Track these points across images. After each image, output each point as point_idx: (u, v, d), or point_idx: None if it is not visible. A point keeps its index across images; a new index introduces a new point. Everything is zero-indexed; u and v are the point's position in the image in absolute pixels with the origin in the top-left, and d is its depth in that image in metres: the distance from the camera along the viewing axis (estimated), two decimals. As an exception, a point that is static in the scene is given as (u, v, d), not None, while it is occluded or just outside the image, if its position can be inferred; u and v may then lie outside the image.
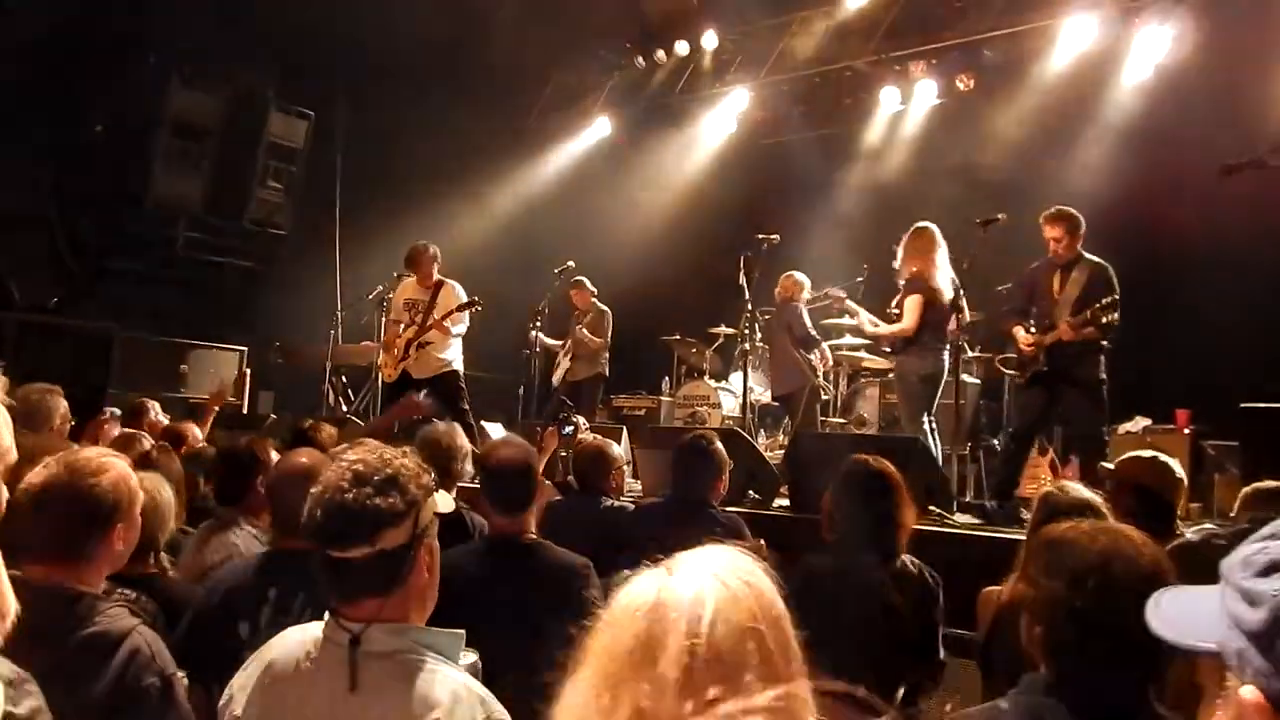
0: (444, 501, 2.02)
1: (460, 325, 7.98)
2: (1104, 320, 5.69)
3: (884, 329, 6.87)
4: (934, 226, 6.60)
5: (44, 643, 1.75)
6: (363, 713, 1.80)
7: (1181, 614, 0.98)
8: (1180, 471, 3.44)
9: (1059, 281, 6.08)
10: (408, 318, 8.02)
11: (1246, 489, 3.27)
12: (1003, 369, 6.52)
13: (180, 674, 2.26)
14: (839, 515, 3.32)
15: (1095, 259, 6.06)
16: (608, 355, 9.85)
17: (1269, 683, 0.88)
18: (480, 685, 1.85)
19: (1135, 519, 3.12)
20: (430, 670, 1.82)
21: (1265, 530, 0.96)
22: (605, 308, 9.82)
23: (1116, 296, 5.70)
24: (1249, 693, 0.89)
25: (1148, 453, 3.58)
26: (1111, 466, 3.60)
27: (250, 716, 1.91)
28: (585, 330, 9.61)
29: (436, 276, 8.05)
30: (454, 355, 8.11)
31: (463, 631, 1.93)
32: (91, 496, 2.20)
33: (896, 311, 6.65)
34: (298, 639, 1.94)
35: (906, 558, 3.30)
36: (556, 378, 9.58)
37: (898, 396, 7.08)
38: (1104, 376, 6.02)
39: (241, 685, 1.94)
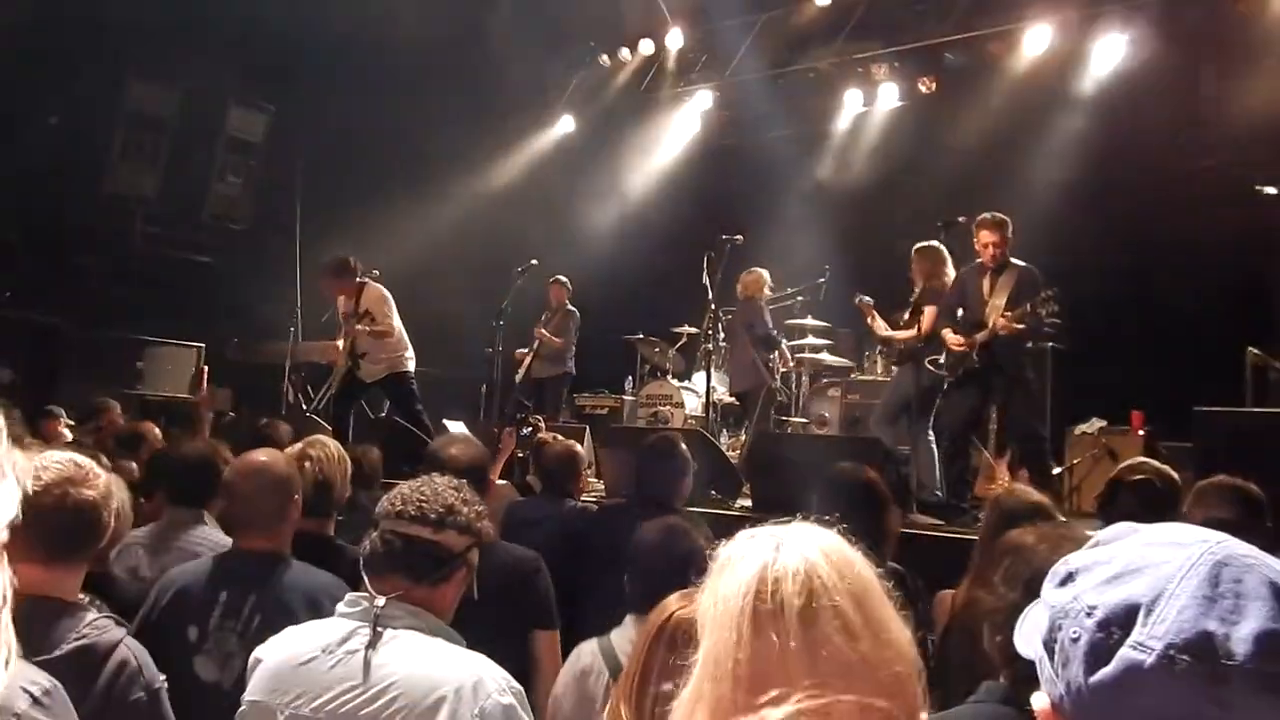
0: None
1: (380, 326, 7.81)
2: (1043, 312, 5.77)
3: (897, 333, 6.98)
4: (939, 244, 6.70)
5: (30, 656, 1.72)
6: (385, 681, 1.93)
7: (1028, 625, 0.98)
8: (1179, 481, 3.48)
9: (989, 285, 6.20)
10: (345, 329, 8.00)
11: (1199, 484, 3.27)
12: (933, 369, 6.61)
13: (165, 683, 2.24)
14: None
15: (1022, 263, 6.19)
16: (573, 355, 9.86)
17: (1051, 689, 0.89)
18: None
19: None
20: (449, 648, 2.01)
21: (1100, 534, 0.96)
22: (574, 309, 9.85)
23: (1054, 291, 5.77)
24: (1038, 700, 0.91)
25: (1162, 467, 3.55)
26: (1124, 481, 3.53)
27: (265, 690, 2.01)
28: (545, 330, 9.63)
29: (356, 281, 7.95)
30: (400, 355, 8.02)
31: (459, 638, 2.09)
32: (89, 506, 2.16)
33: (904, 320, 6.78)
34: (309, 626, 2.12)
35: (893, 565, 3.30)
36: (519, 375, 9.52)
37: (887, 398, 7.16)
38: (1032, 375, 6.15)
39: (257, 667, 2.07)
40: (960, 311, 6.31)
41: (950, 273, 6.70)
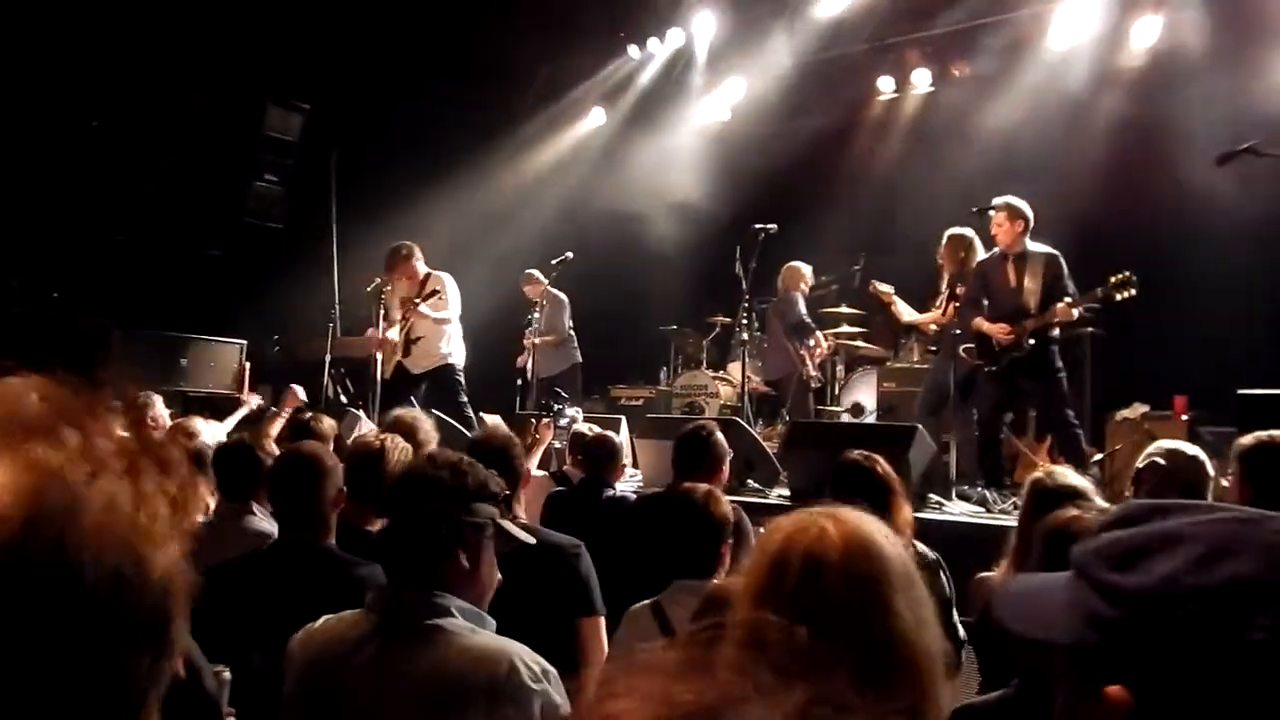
0: (519, 531, 2.22)
1: (443, 310, 7.90)
2: (1119, 296, 5.83)
3: (921, 316, 7.03)
4: (969, 230, 6.71)
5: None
6: (415, 672, 1.90)
7: (1032, 605, 0.94)
8: (1208, 464, 3.45)
9: (1013, 273, 6.21)
10: (400, 316, 8.05)
11: (1236, 444, 3.23)
12: (970, 359, 6.57)
13: (220, 668, 2.27)
14: None
15: (1045, 249, 6.18)
16: (575, 344, 9.76)
17: (1130, 680, 0.85)
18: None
19: None
20: (478, 633, 1.96)
21: (1114, 514, 0.94)
22: (561, 296, 9.61)
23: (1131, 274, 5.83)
24: (1116, 691, 0.85)
25: (1174, 444, 3.54)
26: (1142, 464, 3.53)
27: (293, 683, 2.06)
28: (532, 332, 9.22)
29: (424, 270, 8.03)
30: (452, 349, 8.08)
31: (490, 620, 2.03)
32: None
33: (940, 303, 6.84)
34: (340, 617, 2.10)
35: (924, 550, 3.32)
36: (529, 374, 9.34)
37: (926, 387, 7.16)
38: (1060, 365, 6.18)
39: (293, 657, 2.10)
40: (985, 301, 6.35)
41: (981, 258, 6.71)
